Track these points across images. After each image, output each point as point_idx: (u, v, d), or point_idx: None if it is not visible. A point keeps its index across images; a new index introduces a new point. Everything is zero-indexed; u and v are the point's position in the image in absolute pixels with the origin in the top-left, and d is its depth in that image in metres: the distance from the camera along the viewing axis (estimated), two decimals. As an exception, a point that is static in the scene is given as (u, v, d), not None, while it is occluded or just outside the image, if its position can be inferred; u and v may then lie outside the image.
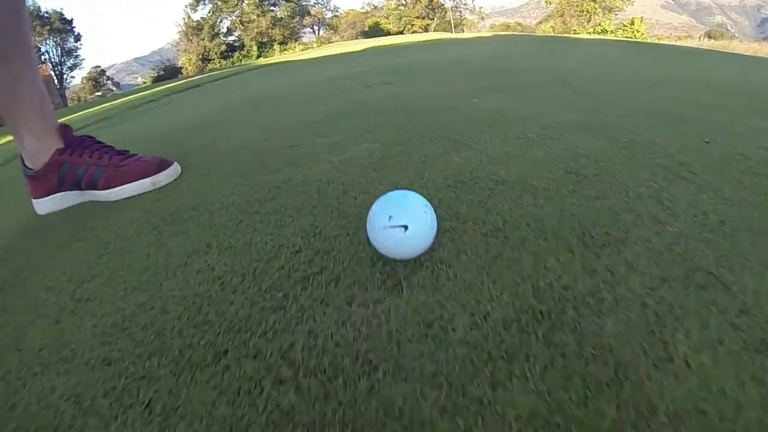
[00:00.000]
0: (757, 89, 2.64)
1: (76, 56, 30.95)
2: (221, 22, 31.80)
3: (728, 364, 0.48)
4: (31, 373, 0.64)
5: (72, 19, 30.66)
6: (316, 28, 36.13)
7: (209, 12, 31.63)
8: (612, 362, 0.50)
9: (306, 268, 0.70)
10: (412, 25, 34.50)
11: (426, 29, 33.53)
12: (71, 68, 30.81)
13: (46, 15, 29.51)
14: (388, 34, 32.95)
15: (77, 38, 30.91)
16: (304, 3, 33.26)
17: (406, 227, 0.60)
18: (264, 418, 0.48)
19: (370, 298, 0.62)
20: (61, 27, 29.91)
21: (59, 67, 29.88)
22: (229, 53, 30.56)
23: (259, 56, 29.15)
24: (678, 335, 0.53)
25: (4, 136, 6.44)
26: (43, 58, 28.83)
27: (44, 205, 1.31)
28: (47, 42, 29.77)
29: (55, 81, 26.62)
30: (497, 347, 0.52)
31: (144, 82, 34.86)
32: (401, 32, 33.49)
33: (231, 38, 31.86)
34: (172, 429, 0.50)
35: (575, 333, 0.54)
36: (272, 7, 31.41)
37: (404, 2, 35.95)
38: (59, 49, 30.15)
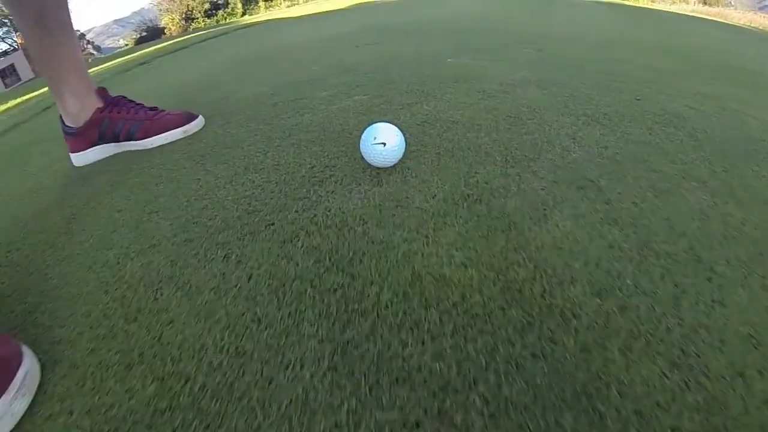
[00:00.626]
0: (721, 60, 2.96)
1: None
2: None
3: (585, 227, 0.81)
4: (128, 257, 0.86)
5: None
6: (303, -18, 35.25)
7: None
8: (508, 221, 0.85)
9: (319, 174, 1.05)
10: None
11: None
12: None
13: None
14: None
15: None
16: (287, -45, 32.36)
17: (384, 144, 0.94)
18: (301, 252, 0.82)
19: (362, 189, 0.96)
20: None
21: None
22: (213, 11, 29.83)
23: (244, 14, 28.54)
24: (555, 210, 0.87)
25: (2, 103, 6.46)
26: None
27: (84, 157, 1.46)
28: None
29: None
30: (438, 211, 0.88)
31: (126, 45, 34.13)
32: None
33: (214, -5, 31.16)
34: (243, 266, 0.83)
35: (488, 206, 0.89)
36: None
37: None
38: None
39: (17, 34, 25.51)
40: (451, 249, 0.78)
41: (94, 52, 37.80)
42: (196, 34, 12.42)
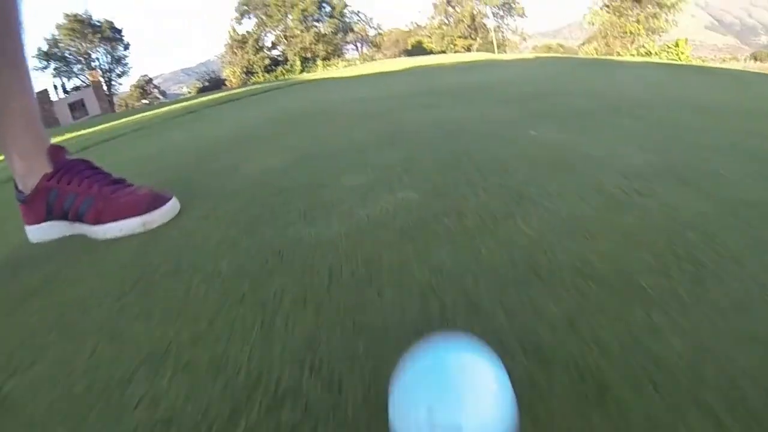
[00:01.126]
0: None
1: (125, 64, 32.21)
2: (265, 36, 32.34)
3: None
4: None
5: (122, 29, 31.90)
6: (359, 44, 36.40)
7: (254, 26, 32.36)
8: None
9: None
10: (455, 44, 34.26)
11: (468, 49, 33.24)
12: (119, 75, 32.07)
13: (97, 24, 30.81)
14: (431, 53, 32.89)
15: (126, 47, 32.15)
16: (347, 20, 33.58)
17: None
18: None
19: None
20: (112, 36, 31.13)
21: (108, 74, 31.10)
22: (273, 67, 30.95)
23: (302, 71, 29.49)
24: None
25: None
26: (93, 64, 30.08)
27: (37, 233, 1.19)
28: (98, 49, 31.14)
29: (104, 87, 27.66)
30: None
31: (189, 92, 36.04)
32: (444, 52, 33.30)
33: (275, 52, 32.36)
34: None
35: None
36: (316, 23, 31.76)
37: (447, 22, 35.85)
38: (109, 56, 31.45)
39: (89, 72, 27.44)
40: None
41: (160, 97, 40.06)
42: (251, 87, 12.63)
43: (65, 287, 0.85)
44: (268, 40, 32.41)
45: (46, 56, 29.34)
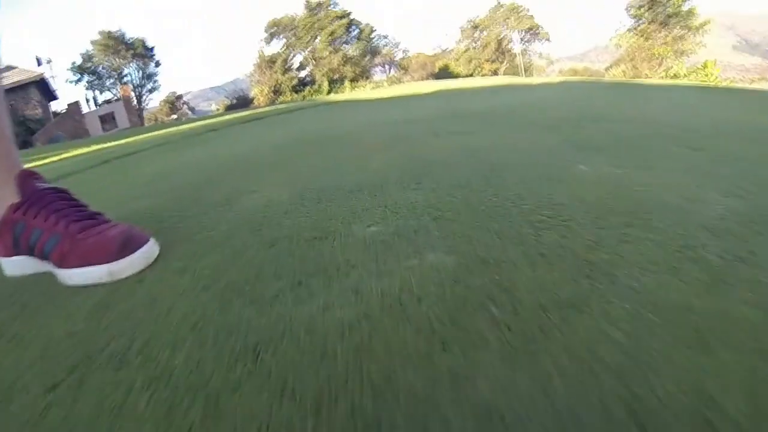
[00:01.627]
0: None
1: (155, 81, 33.07)
2: (294, 57, 32.71)
3: None
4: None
5: (153, 47, 32.86)
6: (386, 67, 36.57)
7: (283, 47, 32.84)
8: None
9: None
10: (482, 68, 34.15)
11: (495, 73, 33.04)
12: (150, 91, 32.91)
13: (130, 41, 31.77)
14: (458, 76, 32.86)
15: (157, 64, 33.03)
16: (375, 43, 33.87)
17: None
18: None
19: None
20: (144, 53, 32.00)
21: (139, 89, 31.94)
22: (301, 87, 31.23)
23: (329, 92, 29.63)
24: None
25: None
26: (125, 79, 30.96)
27: (11, 266, 1.06)
28: (130, 65, 32.01)
29: (135, 101, 28.37)
30: None
31: (217, 109, 36.71)
32: (471, 75, 33.22)
33: (303, 73, 32.70)
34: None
35: None
36: (344, 45, 32.03)
37: (473, 46, 35.84)
38: (140, 72, 32.31)
39: (120, 86, 28.20)
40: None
41: (189, 112, 40.82)
42: (277, 107, 12.62)
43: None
44: (297, 60, 32.89)
45: (80, 70, 30.24)
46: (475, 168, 1.40)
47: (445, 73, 34.49)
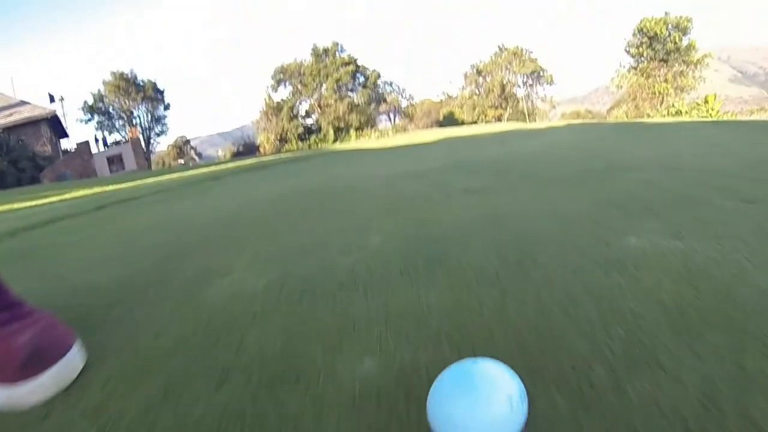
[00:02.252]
0: None
1: (164, 124, 33.05)
2: (300, 104, 32.94)
3: None
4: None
5: (163, 90, 33.06)
6: (391, 115, 36.89)
7: (289, 94, 33.28)
8: None
9: None
10: (486, 114, 34.35)
11: (499, 119, 33.19)
12: (158, 134, 32.92)
13: (141, 83, 32.13)
14: (462, 123, 33.01)
15: (166, 107, 33.10)
16: (380, 90, 34.27)
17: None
18: None
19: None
20: (154, 96, 32.12)
21: (147, 131, 31.97)
22: (306, 135, 31.38)
23: (335, 140, 29.74)
24: None
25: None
26: (134, 121, 31.10)
27: None
28: (140, 107, 32.15)
29: (143, 144, 28.40)
30: None
31: (223, 155, 37.04)
32: (475, 122, 33.36)
33: (309, 121, 32.88)
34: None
35: None
36: (350, 93, 32.42)
37: (477, 92, 36.23)
38: (149, 115, 32.36)
39: (130, 128, 28.28)
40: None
41: (195, 158, 41.02)
42: (281, 156, 12.52)
43: None
44: (303, 108, 33.22)
45: (90, 109, 30.43)
46: (501, 247, 1.11)
47: (449, 120, 34.72)
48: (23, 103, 21.12)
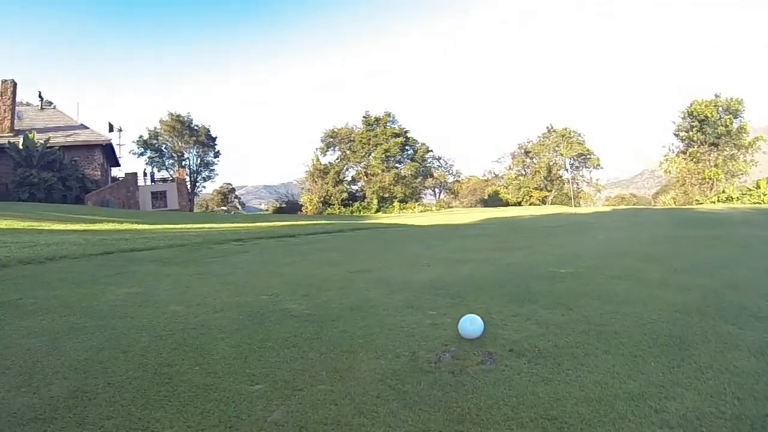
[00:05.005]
0: None
1: (212, 170, 33.53)
2: (347, 170, 32.64)
3: None
4: None
5: (216, 137, 33.62)
6: (437, 190, 36.42)
7: (337, 159, 33.22)
8: None
9: None
10: (531, 195, 33.48)
11: (543, 201, 32.24)
12: (205, 179, 33.46)
13: (195, 128, 32.75)
14: (507, 203, 32.25)
15: (216, 154, 33.59)
16: (428, 165, 34.04)
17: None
18: None
19: None
20: (206, 141, 32.56)
21: (195, 174, 32.52)
22: (350, 201, 31.20)
23: (378, 210, 29.37)
24: None
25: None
26: (184, 162, 31.72)
27: None
28: (191, 150, 33.02)
29: (188, 185, 28.81)
30: None
31: (266, 209, 37.24)
32: (519, 203, 32.51)
33: (354, 187, 32.81)
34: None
35: None
36: (397, 164, 32.12)
37: (524, 173, 35.52)
38: (199, 159, 32.99)
39: (178, 168, 28.85)
40: None
41: (238, 207, 41.27)
42: (315, 222, 12.04)
43: None
44: (349, 174, 33.17)
45: (144, 144, 30.95)
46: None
47: (494, 200, 34.02)
48: (83, 127, 21.91)
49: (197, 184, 33.87)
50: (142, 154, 32.17)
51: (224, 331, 1.79)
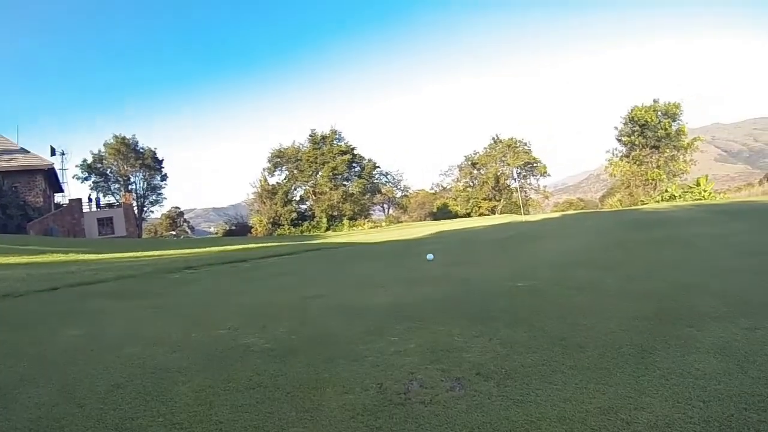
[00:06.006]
0: None
1: (159, 193, 32.06)
2: (295, 189, 32.13)
3: None
4: None
5: (163, 160, 32.02)
6: (386, 206, 36.44)
7: (285, 178, 32.48)
8: None
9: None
10: (479, 206, 34.13)
11: (493, 210, 32.94)
12: (152, 203, 32.01)
13: (141, 150, 31.70)
14: (456, 215, 32.67)
15: (163, 178, 32.12)
16: (376, 181, 34.04)
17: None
18: None
19: None
20: (152, 164, 31.15)
21: (142, 198, 31.06)
22: (300, 221, 30.70)
23: (328, 228, 29.10)
24: None
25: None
26: (130, 187, 30.28)
27: None
28: (137, 174, 31.59)
29: (135, 210, 27.46)
30: None
31: (216, 233, 36.16)
32: (468, 214, 33.05)
33: (303, 207, 32.23)
34: None
35: None
36: (345, 182, 31.93)
37: (471, 184, 36.19)
38: (146, 183, 31.64)
39: (124, 193, 27.39)
40: None
41: (188, 231, 39.71)
42: (266, 245, 11.73)
43: None
44: (298, 193, 32.65)
45: (89, 168, 29.32)
46: None
47: (443, 212, 34.37)
48: (23, 150, 20.64)
49: (145, 208, 32.41)
50: (86, 179, 30.45)
51: (185, 374, 1.69)
